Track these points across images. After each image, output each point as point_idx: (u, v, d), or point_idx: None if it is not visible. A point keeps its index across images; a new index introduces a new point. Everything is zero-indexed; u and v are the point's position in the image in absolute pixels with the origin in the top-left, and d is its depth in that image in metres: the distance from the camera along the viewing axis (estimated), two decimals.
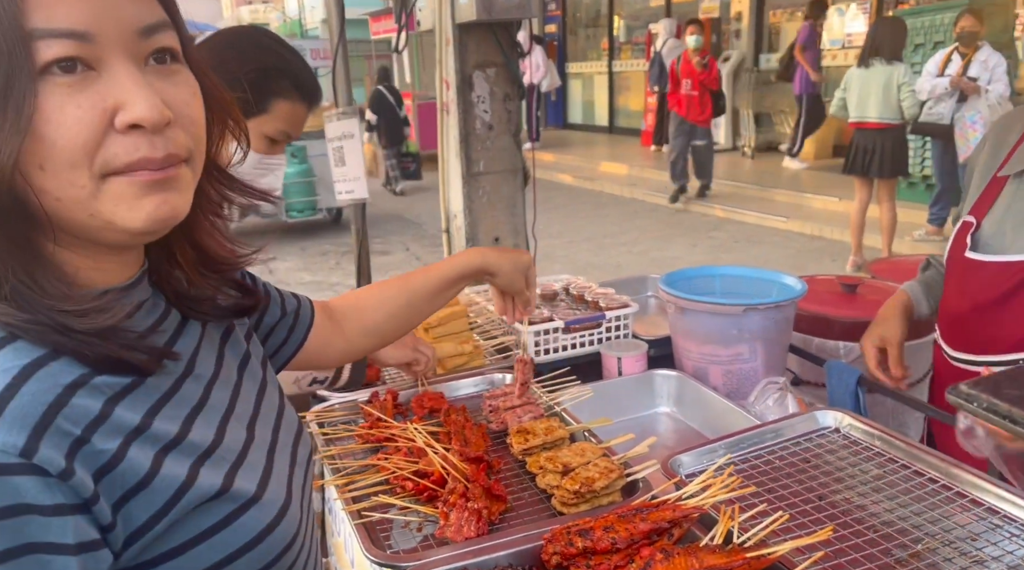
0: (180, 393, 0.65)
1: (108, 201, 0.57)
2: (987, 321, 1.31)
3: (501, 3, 3.32)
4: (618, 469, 1.17)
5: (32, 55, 0.53)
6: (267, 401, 0.78)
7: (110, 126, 0.56)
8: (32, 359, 0.54)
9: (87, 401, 0.55)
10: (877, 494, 1.09)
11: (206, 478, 0.62)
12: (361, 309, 1.14)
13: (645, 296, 2.32)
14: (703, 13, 11.26)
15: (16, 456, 0.50)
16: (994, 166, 1.39)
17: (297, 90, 1.38)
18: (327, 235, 8.43)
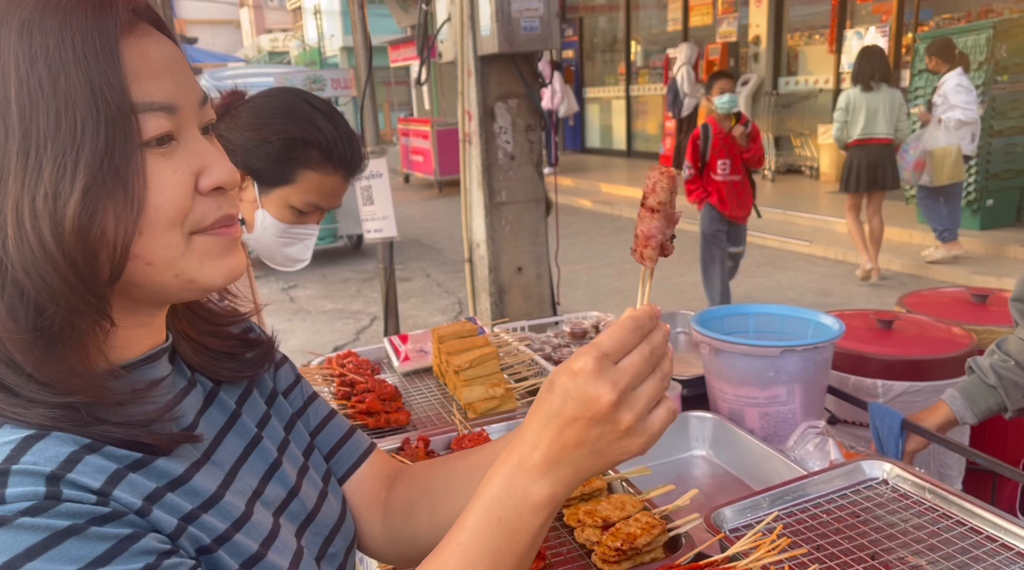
0: (188, 484, 0.61)
1: (195, 259, 0.60)
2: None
3: (523, 35, 3.35)
4: (660, 524, 1.14)
5: (138, 128, 0.55)
6: (308, 480, 0.75)
7: (196, 189, 0.59)
8: (30, 433, 0.53)
9: (100, 461, 0.54)
10: (933, 553, 1.05)
11: (243, 539, 0.61)
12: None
13: (675, 332, 2.29)
14: (720, 37, 11.30)
15: (43, 498, 0.50)
16: None
17: (328, 161, 1.32)
18: (348, 262, 8.47)
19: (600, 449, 0.57)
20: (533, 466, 0.57)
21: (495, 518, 0.57)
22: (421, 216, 10.88)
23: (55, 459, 0.52)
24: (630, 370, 0.57)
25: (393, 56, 16.69)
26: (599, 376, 0.56)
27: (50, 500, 0.50)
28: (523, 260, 3.91)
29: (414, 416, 1.71)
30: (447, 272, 7.61)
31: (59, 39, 0.52)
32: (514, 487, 0.57)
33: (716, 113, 5.03)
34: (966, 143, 5.94)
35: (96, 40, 0.53)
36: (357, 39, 2.64)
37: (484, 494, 0.58)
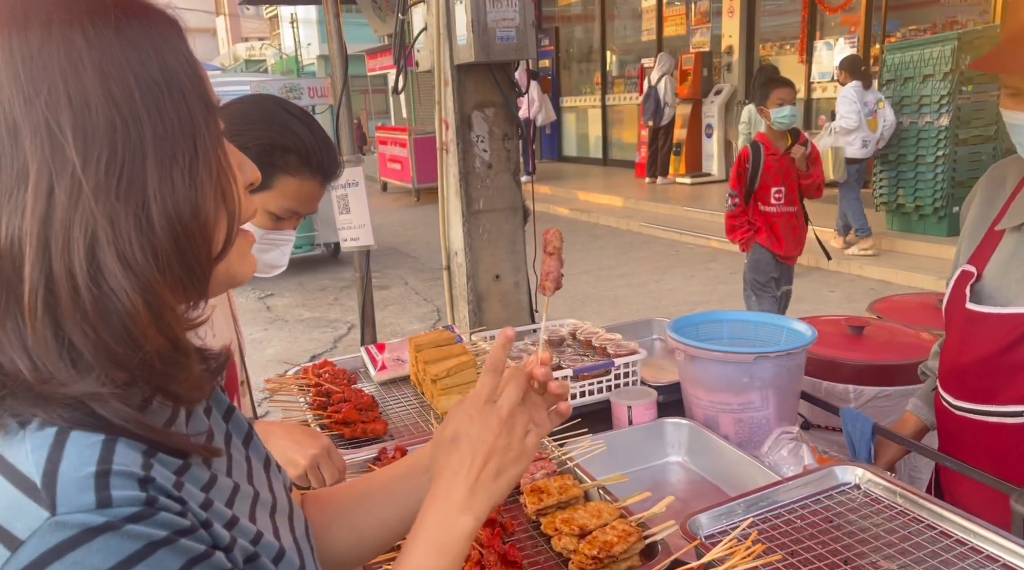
0: (219, 482, 0.62)
1: (236, 254, 0.62)
2: (989, 372, 1.32)
3: (499, 45, 3.36)
4: (636, 532, 1.14)
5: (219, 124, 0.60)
6: (276, 483, 0.76)
7: None
8: (104, 436, 0.53)
9: (163, 469, 0.55)
10: (904, 557, 1.07)
11: (264, 560, 0.61)
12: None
13: (651, 339, 2.31)
14: (694, 47, 11.45)
15: (143, 503, 0.51)
16: (988, 218, 1.41)
17: (306, 166, 1.32)
18: (325, 270, 8.42)
19: (501, 471, 0.74)
20: (458, 503, 0.72)
21: (436, 551, 0.70)
22: (399, 224, 10.85)
23: (137, 462, 0.52)
24: (505, 406, 0.75)
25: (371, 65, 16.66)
26: (487, 415, 0.74)
27: (150, 507, 0.51)
28: (501, 268, 3.91)
29: (391, 426, 1.70)
30: (425, 280, 7.59)
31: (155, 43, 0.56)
32: (449, 524, 0.71)
33: (771, 127, 4.00)
34: (855, 148, 6.79)
35: (180, 41, 0.58)
36: (332, 48, 2.64)
37: (422, 533, 0.71)
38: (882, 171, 7.17)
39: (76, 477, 0.49)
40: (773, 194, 4.03)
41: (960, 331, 1.39)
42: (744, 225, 4.11)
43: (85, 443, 0.51)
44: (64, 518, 0.48)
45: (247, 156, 1.34)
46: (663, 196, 10.50)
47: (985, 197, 1.44)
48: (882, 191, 7.21)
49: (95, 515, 0.49)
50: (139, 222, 0.53)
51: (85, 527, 0.48)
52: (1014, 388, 1.27)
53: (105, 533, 0.48)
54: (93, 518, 0.48)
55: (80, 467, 0.50)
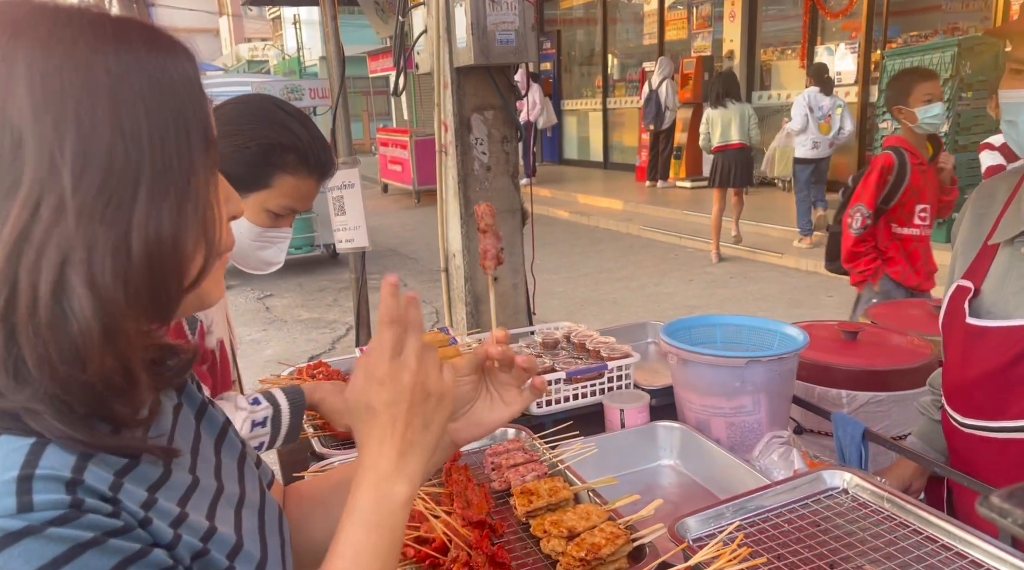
0: (171, 478, 0.63)
1: (210, 280, 0.63)
2: (995, 387, 1.30)
3: (498, 48, 3.37)
4: (624, 534, 1.15)
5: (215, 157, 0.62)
6: (249, 480, 0.76)
7: None
8: (33, 441, 0.54)
9: (100, 470, 0.55)
10: (889, 562, 1.07)
11: (215, 555, 0.61)
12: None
13: (645, 343, 2.31)
14: (695, 51, 11.46)
15: (67, 506, 0.51)
16: (980, 233, 1.40)
17: (304, 165, 1.34)
18: (324, 271, 8.43)
19: (428, 423, 0.70)
20: (389, 472, 0.68)
21: (374, 525, 0.66)
22: (399, 226, 10.86)
23: (67, 466, 0.52)
24: (412, 356, 0.69)
25: (372, 66, 16.68)
26: (397, 373, 0.68)
27: (74, 510, 0.51)
28: (499, 270, 3.91)
29: None
30: (424, 281, 7.60)
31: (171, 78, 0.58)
32: (382, 495, 0.67)
33: (910, 132, 3.10)
34: (805, 149, 7.48)
35: (195, 77, 0.59)
36: (330, 49, 2.65)
37: (357, 510, 0.67)
38: None
39: (4, 481, 0.50)
40: (918, 213, 3.20)
41: (961, 347, 1.37)
42: (871, 252, 3.19)
43: (11, 447, 0.52)
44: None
45: (246, 155, 1.34)
46: (663, 200, 10.51)
47: (976, 214, 1.44)
48: None
49: (15, 520, 0.49)
50: (117, 249, 0.54)
51: (6, 532, 0.48)
52: (1019, 403, 1.26)
53: (26, 537, 0.49)
54: (13, 523, 0.49)
55: (3, 471, 0.51)
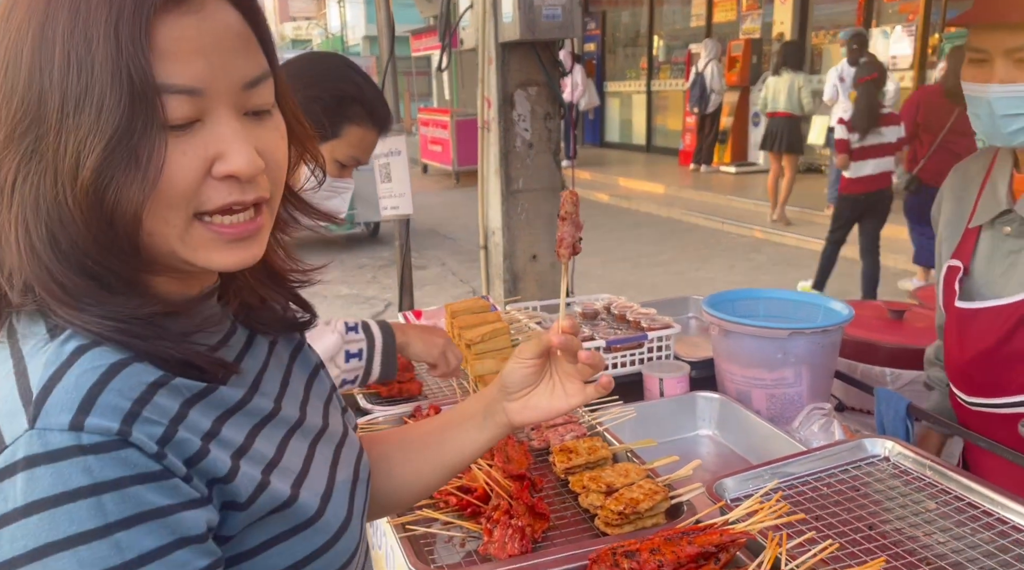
0: (248, 406, 0.66)
1: (191, 244, 0.60)
2: (992, 365, 1.31)
3: (544, 23, 3.36)
4: (663, 491, 1.17)
5: (161, 109, 0.55)
6: (333, 416, 0.80)
7: (208, 173, 0.59)
8: (117, 359, 0.57)
9: (167, 400, 0.58)
10: (929, 525, 1.07)
11: (276, 485, 0.64)
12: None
13: (686, 317, 2.31)
14: (743, 34, 11.23)
15: (114, 435, 0.53)
16: (962, 215, 1.40)
17: (370, 117, 1.43)
18: (364, 249, 8.54)
19: None
20: None
21: None
22: (439, 206, 10.93)
23: (133, 393, 0.55)
24: None
25: (415, 46, 16.71)
26: None
27: (119, 441, 0.53)
28: (538, 248, 3.92)
29: (425, 387, 1.75)
30: (462, 261, 7.65)
31: (97, 12, 0.54)
32: None
33: None
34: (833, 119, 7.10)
35: (129, 16, 0.54)
36: (380, 18, 2.68)
37: None
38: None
39: (65, 398, 0.53)
40: None
41: (956, 329, 1.39)
42: None
43: (91, 365, 0.55)
44: (40, 434, 0.52)
45: (319, 106, 1.40)
46: (706, 184, 10.36)
47: (954, 196, 1.44)
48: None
49: (64, 435, 0.52)
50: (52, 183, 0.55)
51: (51, 448, 0.52)
52: (1017, 379, 1.26)
53: (72, 457, 0.52)
54: (61, 438, 0.52)
55: (77, 388, 0.54)
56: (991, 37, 1.15)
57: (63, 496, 0.51)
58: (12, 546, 0.51)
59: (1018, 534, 1.03)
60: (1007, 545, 1.02)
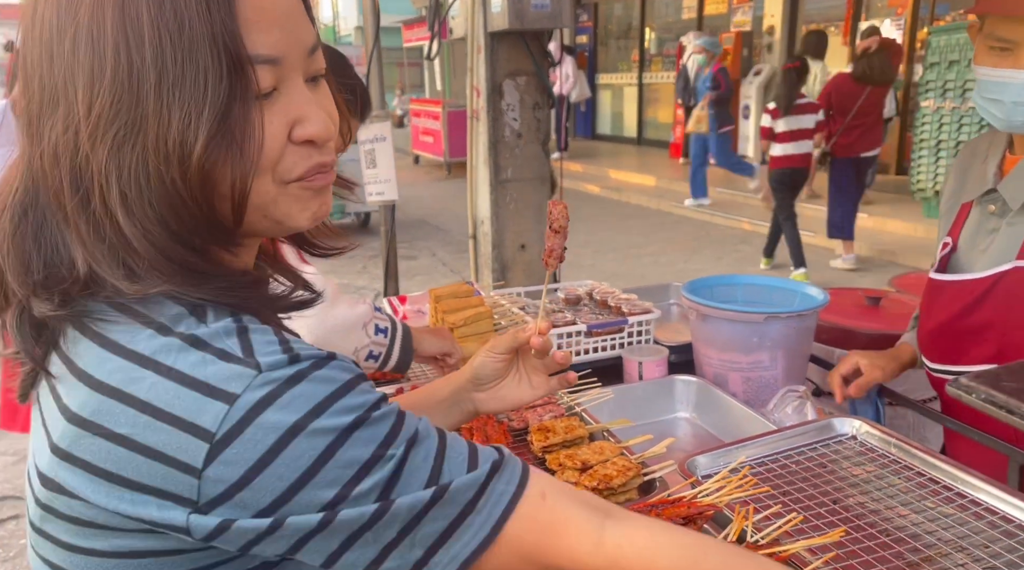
0: None
1: (284, 204, 0.63)
2: (951, 335, 1.37)
3: (532, 13, 3.38)
4: (635, 467, 1.20)
5: (252, 79, 0.57)
6: None
7: (288, 138, 0.61)
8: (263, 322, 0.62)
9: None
10: (891, 499, 1.11)
11: None
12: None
13: (668, 303, 2.34)
14: (734, 27, 11.25)
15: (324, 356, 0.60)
16: (960, 191, 1.45)
17: (362, 111, 1.57)
18: (355, 239, 8.54)
19: None
20: None
21: None
22: (429, 197, 10.93)
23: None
24: None
25: (407, 36, 16.68)
26: None
27: (330, 356, 0.59)
28: (527, 238, 3.95)
29: (409, 370, 1.77)
30: (452, 252, 7.67)
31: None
32: None
33: None
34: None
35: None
36: (366, 6, 2.69)
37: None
38: (920, 158, 7.03)
39: (267, 347, 0.58)
40: None
41: (927, 298, 1.45)
42: None
43: (257, 325, 0.60)
44: (267, 374, 0.56)
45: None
46: None
47: (958, 173, 1.48)
48: (920, 177, 7.07)
49: (291, 367, 0.57)
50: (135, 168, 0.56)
51: (291, 373, 0.56)
52: (976, 350, 1.31)
53: (308, 375, 0.57)
54: (292, 368, 0.57)
55: (265, 342, 0.58)
56: (1021, 29, 1.19)
57: (320, 405, 0.56)
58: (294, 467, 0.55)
59: (976, 507, 1.07)
60: (965, 518, 1.06)
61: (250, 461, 0.54)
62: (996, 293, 1.29)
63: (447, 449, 0.62)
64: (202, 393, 0.55)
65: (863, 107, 5.69)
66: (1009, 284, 1.27)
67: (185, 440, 0.54)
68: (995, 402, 0.58)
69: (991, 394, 0.59)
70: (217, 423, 0.54)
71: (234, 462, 0.54)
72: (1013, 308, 1.26)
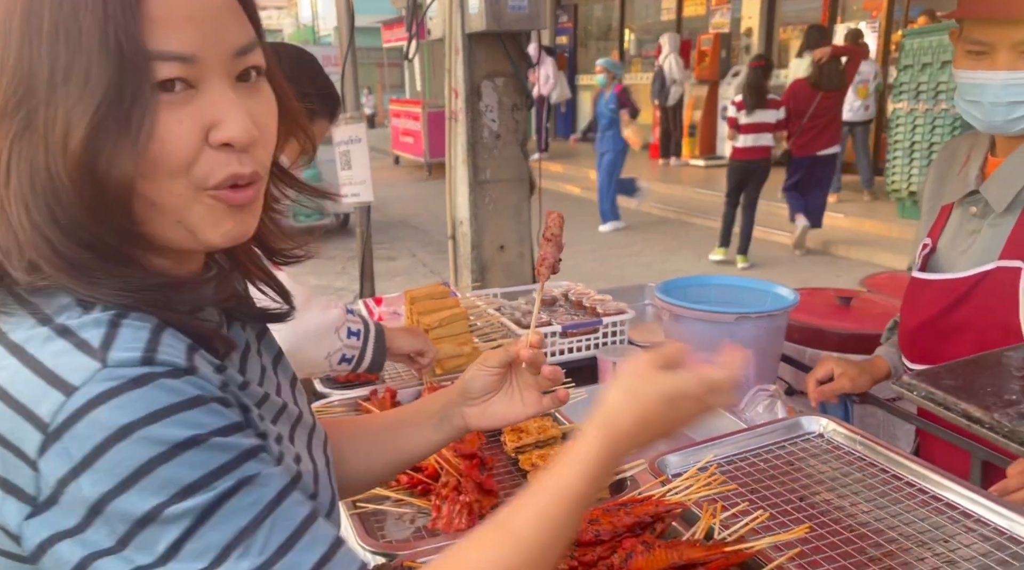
0: (247, 390, 0.67)
1: (198, 214, 0.61)
2: (933, 334, 1.39)
3: (510, 14, 3.39)
4: None
5: (150, 76, 0.56)
6: (301, 402, 0.81)
7: (205, 141, 0.60)
8: (156, 322, 0.59)
9: (206, 362, 0.60)
10: (855, 496, 1.13)
11: (288, 461, 0.66)
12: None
13: (643, 304, 2.36)
14: (713, 28, 11.35)
15: (183, 367, 0.56)
16: (940, 193, 1.47)
17: (332, 111, 1.59)
18: (334, 240, 8.50)
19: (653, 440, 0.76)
20: (622, 454, 0.73)
21: (592, 477, 0.71)
22: (410, 197, 10.90)
23: (183, 344, 0.58)
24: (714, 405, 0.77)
25: (386, 36, 16.62)
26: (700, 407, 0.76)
27: (189, 370, 0.56)
28: (505, 238, 3.95)
29: (383, 372, 1.77)
30: (432, 252, 7.66)
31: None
32: (609, 467, 0.73)
33: None
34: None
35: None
36: (340, 6, 2.68)
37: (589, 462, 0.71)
38: (895, 159, 7.13)
39: (130, 343, 0.56)
40: None
41: (910, 297, 1.47)
42: None
43: (140, 323, 0.58)
44: (112, 370, 0.54)
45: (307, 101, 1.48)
46: (675, 177, 10.48)
47: (938, 174, 1.51)
48: (894, 178, 7.17)
49: (142, 368, 0.54)
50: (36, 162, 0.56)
51: (136, 375, 0.54)
52: (953, 349, 1.33)
53: (153, 381, 0.54)
54: (141, 370, 0.54)
55: (133, 338, 0.56)
56: (996, 31, 1.22)
57: (153, 415, 0.53)
58: (115, 472, 0.52)
59: (937, 503, 1.10)
60: (927, 513, 1.08)
61: (75, 459, 0.52)
62: (978, 292, 1.31)
63: (282, 509, 0.57)
64: (46, 382, 0.54)
65: (817, 110, 6.34)
66: (991, 284, 1.29)
67: (24, 428, 0.53)
68: (934, 399, 0.60)
69: (930, 391, 0.61)
70: (52, 413, 0.53)
71: (62, 457, 0.52)
72: (993, 307, 1.29)
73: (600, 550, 0.98)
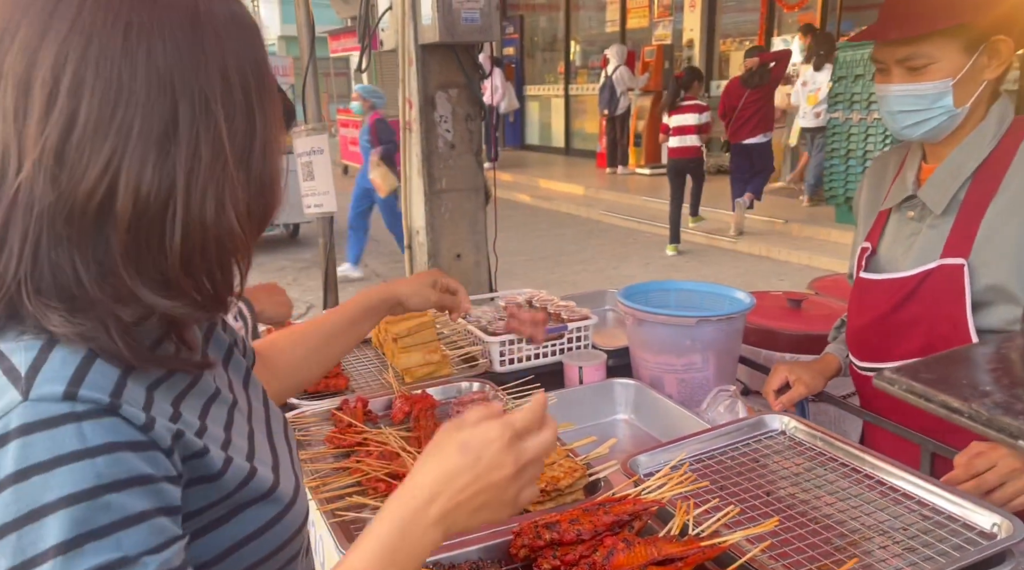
0: (197, 386, 0.69)
1: None
2: (882, 331, 1.46)
3: (463, 26, 3.42)
4: (581, 469, 1.24)
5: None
6: (254, 394, 0.83)
7: None
8: (88, 351, 0.59)
9: (137, 385, 0.60)
10: (819, 490, 1.19)
11: (238, 460, 0.67)
12: (279, 350, 1.11)
13: (604, 309, 2.41)
14: (656, 40, 11.61)
15: (105, 405, 0.56)
16: (877, 201, 1.57)
17: (287, 123, 1.48)
18: (285, 251, 8.37)
19: (483, 509, 0.69)
20: (430, 520, 0.67)
21: (391, 560, 0.66)
22: None
23: (114, 374, 0.58)
24: (530, 452, 0.71)
25: (333, 46, 16.46)
26: (509, 450, 0.69)
27: (110, 409, 0.56)
28: (462, 247, 3.97)
29: (352, 382, 1.77)
30: (386, 262, 7.61)
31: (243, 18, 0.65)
32: (412, 535, 0.67)
33: None
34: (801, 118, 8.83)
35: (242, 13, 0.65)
36: (300, 17, 2.66)
37: (382, 536, 0.67)
38: (832, 166, 7.42)
39: (57, 373, 0.56)
40: None
41: (857, 296, 1.54)
42: None
43: (72, 350, 0.58)
44: (34, 404, 0.55)
45: None
46: (623, 186, 10.67)
47: (872, 184, 1.61)
48: (832, 185, 7.46)
49: (62, 405, 0.55)
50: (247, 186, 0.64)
51: (52, 415, 0.54)
52: (903, 345, 1.41)
53: (66, 423, 0.54)
54: (59, 407, 0.55)
55: (62, 367, 0.57)
56: (885, 50, 1.36)
57: (58, 459, 0.53)
58: (5, 511, 0.52)
59: (894, 494, 1.16)
60: (885, 503, 1.15)
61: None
62: (924, 289, 1.39)
63: None
64: None
65: (745, 103, 7.56)
66: (935, 281, 1.38)
67: None
68: (914, 391, 0.65)
69: (911, 384, 0.66)
70: None
71: None
72: (939, 302, 1.37)
73: (581, 549, 1.01)
